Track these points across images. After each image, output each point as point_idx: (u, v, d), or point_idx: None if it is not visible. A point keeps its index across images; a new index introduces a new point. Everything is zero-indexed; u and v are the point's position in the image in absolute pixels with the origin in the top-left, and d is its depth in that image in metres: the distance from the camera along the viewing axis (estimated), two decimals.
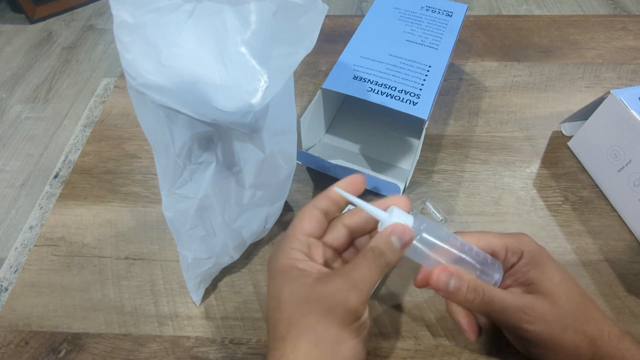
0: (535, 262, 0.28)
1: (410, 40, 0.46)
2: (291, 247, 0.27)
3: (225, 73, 0.24)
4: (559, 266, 0.28)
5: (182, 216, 0.32)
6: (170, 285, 0.40)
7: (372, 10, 0.50)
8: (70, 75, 1.70)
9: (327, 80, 0.42)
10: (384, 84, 0.41)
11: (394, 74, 0.42)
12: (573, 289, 0.28)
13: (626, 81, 0.56)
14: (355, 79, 0.42)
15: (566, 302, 0.27)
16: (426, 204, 0.44)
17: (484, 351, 0.35)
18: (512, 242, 0.29)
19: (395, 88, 0.40)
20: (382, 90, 0.40)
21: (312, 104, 0.42)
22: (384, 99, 0.40)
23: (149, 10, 0.23)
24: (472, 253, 0.29)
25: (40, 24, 1.93)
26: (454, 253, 0.28)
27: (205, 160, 0.29)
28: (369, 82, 0.41)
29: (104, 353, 0.36)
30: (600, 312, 0.28)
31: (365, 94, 0.40)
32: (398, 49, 0.45)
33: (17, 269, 0.43)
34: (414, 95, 0.40)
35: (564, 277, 0.28)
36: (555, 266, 0.28)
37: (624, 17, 0.65)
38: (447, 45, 0.45)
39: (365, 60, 0.43)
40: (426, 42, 0.45)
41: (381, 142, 0.49)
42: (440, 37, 0.46)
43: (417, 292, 0.39)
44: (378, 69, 0.42)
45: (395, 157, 0.47)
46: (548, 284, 0.27)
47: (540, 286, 0.27)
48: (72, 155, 0.52)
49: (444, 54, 0.44)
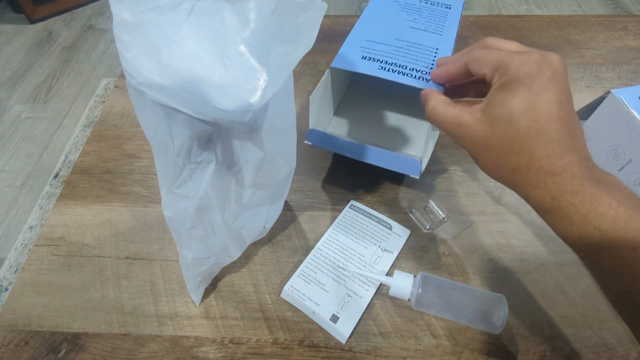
0: (507, 86, 0.27)
1: (414, 27, 0.45)
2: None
3: (225, 71, 0.24)
4: (534, 94, 0.26)
5: (181, 215, 0.32)
6: (170, 285, 0.40)
7: (372, 3, 0.50)
8: (70, 75, 1.70)
9: (335, 60, 0.41)
10: (394, 62, 0.39)
11: (403, 54, 0.40)
12: (525, 120, 0.26)
13: (626, 81, 0.56)
14: (364, 58, 0.40)
15: (502, 129, 0.27)
16: (429, 202, 0.44)
17: (484, 351, 0.35)
18: (506, 62, 0.27)
19: (406, 67, 0.39)
20: (393, 69, 0.39)
21: (321, 82, 0.41)
22: (396, 75, 0.38)
23: (148, 8, 0.23)
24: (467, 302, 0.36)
25: (40, 24, 1.93)
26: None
27: (204, 159, 0.29)
28: (378, 61, 0.40)
29: (103, 353, 0.36)
30: (550, 148, 0.26)
31: (376, 71, 0.39)
32: (403, 34, 0.43)
33: (17, 268, 0.43)
34: (425, 73, 0.38)
35: (524, 106, 0.26)
36: (522, 94, 0.26)
37: (624, 17, 0.65)
38: (451, 32, 0.44)
39: (372, 43, 0.42)
40: (430, 28, 0.44)
41: (388, 129, 0.48)
42: (442, 25, 0.45)
43: None
44: (386, 50, 0.41)
45: (405, 144, 0.47)
46: (497, 107, 0.27)
47: (492, 107, 0.27)
48: (72, 155, 0.52)
49: (449, 39, 0.43)
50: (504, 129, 0.27)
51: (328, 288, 0.38)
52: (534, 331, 0.36)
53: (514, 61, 0.27)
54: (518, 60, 0.27)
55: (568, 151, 0.26)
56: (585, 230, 0.25)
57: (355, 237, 0.42)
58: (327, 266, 0.40)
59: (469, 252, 0.41)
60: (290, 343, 0.36)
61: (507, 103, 0.27)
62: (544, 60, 0.26)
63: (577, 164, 0.26)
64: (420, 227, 0.43)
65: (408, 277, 0.37)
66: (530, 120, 0.26)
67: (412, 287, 0.36)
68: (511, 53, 0.27)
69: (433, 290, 0.36)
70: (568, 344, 0.35)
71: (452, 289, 0.37)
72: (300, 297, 0.38)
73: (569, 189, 0.25)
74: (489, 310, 0.35)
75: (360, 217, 0.43)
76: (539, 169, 0.26)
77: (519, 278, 0.39)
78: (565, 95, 0.26)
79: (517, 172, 0.27)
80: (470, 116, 0.28)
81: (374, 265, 0.40)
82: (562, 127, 0.26)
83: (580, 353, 0.35)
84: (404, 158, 0.41)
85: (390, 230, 0.42)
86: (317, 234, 0.43)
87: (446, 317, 0.37)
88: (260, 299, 0.39)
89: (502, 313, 0.34)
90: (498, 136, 0.27)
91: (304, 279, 0.39)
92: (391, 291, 0.36)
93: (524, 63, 0.26)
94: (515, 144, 0.26)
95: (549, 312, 0.37)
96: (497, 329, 0.34)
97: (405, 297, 0.36)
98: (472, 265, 0.40)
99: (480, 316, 0.35)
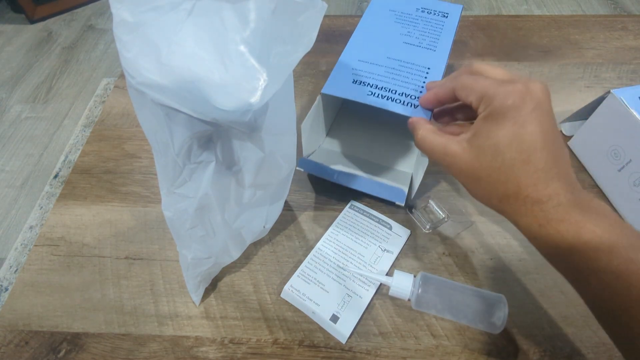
0: (492, 117, 0.28)
1: (407, 43, 0.45)
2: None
3: (225, 72, 0.24)
4: (519, 125, 0.27)
5: (181, 215, 0.32)
6: (170, 285, 0.40)
7: (368, 13, 0.49)
8: (70, 75, 1.70)
9: (326, 85, 0.41)
10: (384, 87, 0.40)
11: (394, 77, 0.41)
12: (510, 151, 0.27)
13: (626, 81, 0.56)
14: (354, 82, 0.41)
15: (488, 160, 0.28)
16: (429, 202, 0.44)
17: (484, 351, 0.35)
18: (491, 93, 0.28)
19: (395, 91, 0.40)
20: (382, 94, 0.40)
21: (312, 110, 0.42)
22: (384, 102, 0.39)
23: (148, 8, 0.23)
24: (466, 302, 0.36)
25: (40, 24, 1.93)
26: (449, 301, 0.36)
27: (204, 159, 0.29)
28: (369, 85, 0.41)
29: (103, 353, 0.36)
30: (535, 177, 0.27)
31: (365, 97, 0.40)
32: (396, 51, 0.44)
33: (17, 268, 0.43)
34: (414, 97, 0.39)
35: (509, 138, 0.27)
36: (507, 126, 0.27)
37: (624, 17, 0.65)
38: (445, 46, 0.45)
39: (364, 63, 0.43)
40: (423, 43, 0.45)
41: (382, 145, 0.49)
42: (437, 38, 0.46)
43: None
44: (377, 72, 0.42)
45: (397, 161, 0.47)
46: (484, 139, 0.28)
47: (478, 138, 0.28)
48: (72, 155, 0.52)
49: (442, 55, 0.44)
50: (490, 160, 0.28)
51: (328, 288, 0.38)
52: (534, 331, 0.36)
53: (499, 93, 0.28)
54: (502, 91, 0.27)
55: (553, 179, 0.27)
56: (571, 257, 0.26)
57: (355, 237, 0.42)
58: (327, 266, 0.40)
59: (469, 252, 0.41)
60: (290, 343, 0.36)
61: (493, 135, 0.27)
62: (527, 91, 0.27)
63: (563, 191, 0.26)
64: (420, 227, 0.43)
65: (408, 277, 0.37)
66: (516, 151, 0.27)
67: (412, 287, 0.36)
68: (496, 84, 0.28)
69: (433, 290, 0.36)
70: (568, 344, 0.35)
71: (452, 289, 0.37)
72: (300, 297, 0.38)
73: (555, 216, 0.26)
74: (489, 310, 0.35)
75: (360, 217, 0.43)
76: (526, 197, 0.27)
77: (519, 278, 0.39)
78: (549, 124, 0.27)
79: (506, 200, 0.28)
80: (457, 146, 0.29)
81: (374, 265, 0.40)
82: (547, 155, 0.27)
83: (580, 353, 0.35)
84: (390, 187, 0.43)
85: (390, 230, 0.42)
86: (317, 234, 0.43)
87: (446, 317, 0.37)
88: (260, 299, 0.39)
89: (502, 313, 0.34)
90: (485, 166, 0.28)
91: (304, 279, 0.39)
92: (391, 291, 0.37)
93: (508, 95, 0.27)
94: (502, 174, 0.27)
95: (549, 312, 0.37)
96: (497, 329, 0.34)
97: (405, 297, 0.36)
98: (472, 265, 0.40)
99: (480, 316, 0.35)
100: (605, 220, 0.26)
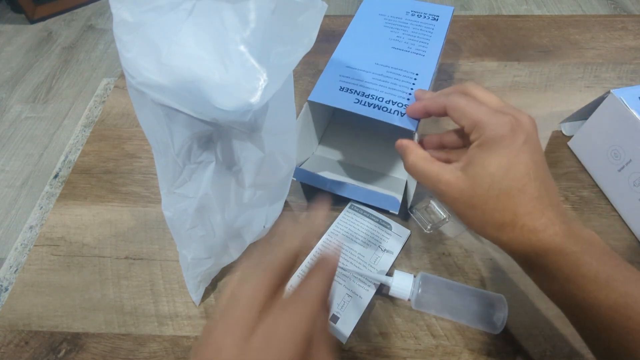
0: (486, 146, 0.28)
1: (396, 48, 0.44)
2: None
3: (225, 72, 0.24)
4: (513, 155, 0.27)
5: (181, 215, 0.32)
6: (170, 285, 0.40)
7: (358, 16, 0.49)
8: (70, 75, 1.70)
9: (313, 93, 0.41)
10: (371, 94, 0.40)
11: (381, 84, 0.41)
12: (507, 180, 0.27)
13: (626, 81, 0.56)
14: (341, 90, 0.41)
15: (484, 189, 0.28)
16: (430, 202, 0.44)
17: (484, 351, 0.35)
18: (485, 121, 0.28)
19: (382, 99, 0.39)
20: (369, 102, 0.39)
21: (299, 117, 0.41)
22: (371, 110, 0.39)
23: (148, 8, 0.23)
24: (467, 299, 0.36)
25: (40, 24, 1.93)
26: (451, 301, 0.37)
27: (204, 159, 0.29)
28: (356, 93, 0.40)
29: (103, 353, 0.36)
30: (531, 206, 0.27)
31: (352, 105, 0.39)
32: (384, 57, 0.43)
33: (17, 269, 0.43)
34: (402, 105, 0.38)
35: (505, 167, 0.27)
36: (502, 155, 0.27)
37: (624, 17, 0.65)
38: (434, 51, 0.44)
39: (351, 70, 0.42)
40: (412, 48, 0.44)
41: (376, 152, 0.48)
42: (426, 42, 0.45)
43: None
44: (365, 79, 0.41)
45: (392, 167, 0.47)
46: (479, 168, 0.28)
47: (473, 167, 0.28)
48: (72, 155, 0.52)
49: (430, 60, 0.43)
50: (487, 188, 0.28)
51: None
52: (534, 331, 0.36)
53: (492, 122, 0.28)
54: (495, 121, 0.28)
55: (547, 208, 0.27)
56: (568, 289, 0.26)
57: (355, 237, 0.42)
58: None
59: (469, 252, 0.41)
60: None
61: (488, 163, 0.28)
62: (517, 123, 0.28)
63: (557, 221, 0.27)
64: (421, 227, 0.43)
65: (408, 277, 0.37)
66: (512, 180, 0.27)
67: (412, 287, 0.36)
68: (490, 113, 0.29)
69: (433, 290, 0.36)
70: (568, 344, 0.35)
71: (452, 289, 0.37)
72: None
73: (553, 247, 0.26)
74: (489, 311, 0.35)
75: (360, 217, 0.43)
76: (523, 226, 0.27)
77: (519, 278, 0.39)
78: (538, 155, 0.28)
79: (503, 229, 0.28)
80: (451, 175, 0.29)
81: (374, 265, 0.40)
82: (540, 185, 0.27)
83: (580, 353, 0.35)
84: (384, 195, 0.42)
85: (390, 230, 0.42)
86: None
87: (446, 317, 0.37)
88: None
89: (502, 313, 0.34)
90: (481, 195, 0.28)
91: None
92: (391, 291, 0.37)
93: (500, 126, 0.28)
94: (499, 203, 0.28)
95: (549, 312, 0.37)
96: (497, 329, 0.34)
97: (405, 297, 0.36)
98: (472, 265, 0.40)
99: (480, 316, 0.35)
100: (597, 249, 0.26)
